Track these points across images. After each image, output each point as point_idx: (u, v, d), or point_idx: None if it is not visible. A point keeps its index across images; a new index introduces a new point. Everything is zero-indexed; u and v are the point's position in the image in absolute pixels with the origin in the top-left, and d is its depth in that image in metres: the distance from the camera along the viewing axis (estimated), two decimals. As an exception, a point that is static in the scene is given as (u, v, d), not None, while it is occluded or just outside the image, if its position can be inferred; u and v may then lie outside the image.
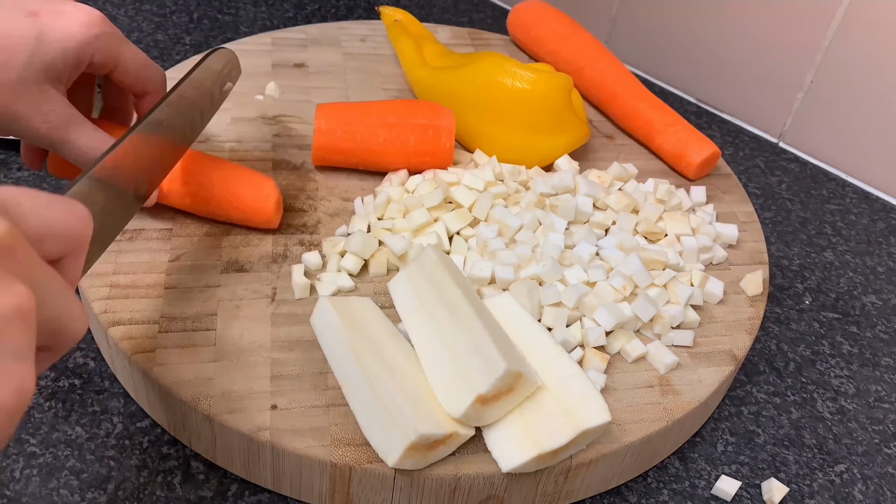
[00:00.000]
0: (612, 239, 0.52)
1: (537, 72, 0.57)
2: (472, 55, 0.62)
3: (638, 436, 0.43)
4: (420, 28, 0.71)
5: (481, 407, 0.38)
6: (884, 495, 0.48)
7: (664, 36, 0.83)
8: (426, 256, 0.45)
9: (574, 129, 0.59)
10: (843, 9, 0.69)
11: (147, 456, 0.43)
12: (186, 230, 0.51)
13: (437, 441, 0.38)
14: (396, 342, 0.43)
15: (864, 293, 0.63)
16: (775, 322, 0.59)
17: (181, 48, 0.79)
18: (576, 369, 0.41)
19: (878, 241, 0.68)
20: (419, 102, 0.57)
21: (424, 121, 0.56)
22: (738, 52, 0.78)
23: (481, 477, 0.40)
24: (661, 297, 0.49)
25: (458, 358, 0.39)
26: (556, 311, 0.47)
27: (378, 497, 0.41)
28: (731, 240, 0.57)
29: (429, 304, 0.43)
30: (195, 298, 0.47)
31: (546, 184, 0.55)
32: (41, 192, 0.29)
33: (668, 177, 0.63)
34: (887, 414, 0.53)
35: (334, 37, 0.74)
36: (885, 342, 0.59)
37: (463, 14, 0.94)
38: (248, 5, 0.88)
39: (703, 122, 0.80)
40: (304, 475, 0.41)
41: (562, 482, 0.42)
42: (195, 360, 0.43)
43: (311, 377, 0.43)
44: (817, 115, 0.75)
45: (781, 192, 0.73)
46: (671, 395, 0.46)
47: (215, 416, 0.41)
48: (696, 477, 0.47)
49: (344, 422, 0.41)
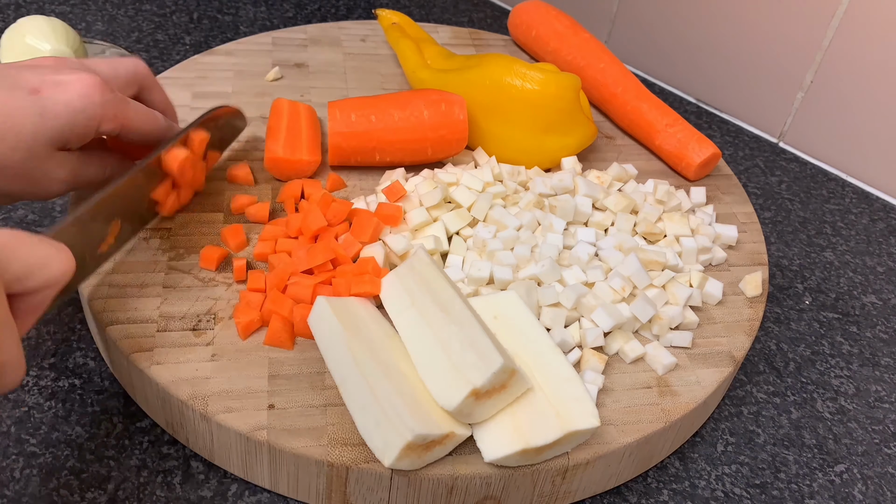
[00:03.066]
0: (611, 239, 0.52)
1: (545, 72, 0.57)
2: (477, 57, 0.62)
3: (636, 437, 0.43)
4: (418, 30, 0.71)
5: (474, 402, 0.38)
6: (884, 495, 0.48)
7: (664, 36, 0.83)
8: (418, 258, 0.45)
9: (583, 128, 0.59)
10: (843, 9, 0.69)
11: (147, 456, 0.44)
12: (185, 229, 0.51)
13: (433, 441, 0.38)
14: (394, 343, 0.43)
15: (864, 293, 0.63)
16: (775, 322, 0.59)
17: (181, 48, 0.79)
18: (571, 372, 0.41)
19: (878, 241, 0.68)
20: (426, 89, 0.58)
21: (436, 97, 0.57)
22: (738, 51, 0.78)
23: (478, 477, 0.40)
24: (660, 297, 0.49)
25: (452, 354, 0.40)
26: (554, 311, 0.47)
27: (375, 497, 0.41)
28: (730, 241, 0.57)
29: (421, 303, 0.43)
30: (193, 297, 0.47)
31: (545, 184, 0.55)
32: (28, 235, 0.31)
33: (668, 177, 0.63)
34: (887, 414, 0.53)
35: (334, 37, 0.74)
36: (885, 342, 0.59)
37: (463, 14, 0.94)
38: (248, 5, 0.88)
39: (703, 122, 0.80)
40: (301, 475, 0.41)
41: (559, 482, 0.42)
42: (193, 360, 0.43)
43: (308, 377, 0.43)
44: (817, 115, 0.75)
45: (781, 192, 0.73)
46: (669, 397, 0.46)
47: (213, 415, 0.41)
48: (696, 477, 0.47)
49: (341, 421, 0.41)
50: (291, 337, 0.45)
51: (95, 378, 0.47)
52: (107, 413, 0.45)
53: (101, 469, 0.43)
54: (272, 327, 0.44)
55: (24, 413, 0.45)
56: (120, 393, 0.46)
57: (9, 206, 0.57)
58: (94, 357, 0.48)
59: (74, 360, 0.48)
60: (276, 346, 0.44)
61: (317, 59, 0.70)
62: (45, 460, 0.43)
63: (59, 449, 0.43)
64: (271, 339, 0.44)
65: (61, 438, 0.44)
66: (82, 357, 0.48)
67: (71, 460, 0.43)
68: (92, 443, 0.44)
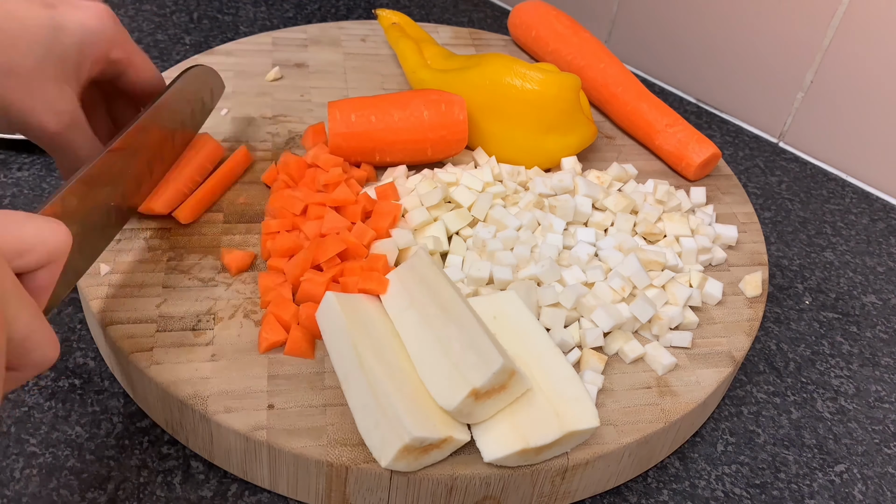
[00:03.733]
0: (611, 240, 0.52)
1: (546, 72, 0.57)
2: (476, 57, 0.62)
3: (635, 437, 0.43)
4: (418, 30, 0.71)
5: (474, 402, 0.38)
6: (884, 495, 0.48)
7: (664, 36, 0.83)
8: (418, 258, 0.45)
9: (583, 128, 0.59)
10: (843, 9, 0.69)
11: (147, 456, 0.44)
12: (184, 229, 0.51)
13: (431, 445, 0.38)
14: (399, 343, 0.43)
15: (864, 293, 0.63)
16: (775, 322, 0.59)
17: (181, 48, 0.79)
18: (571, 372, 0.41)
19: (878, 241, 0.68)
20: (426, 90, 0.58)
21: (436, 97, 0.57)
22: (738, 52, 0.78)
23: (478, 477, 0.40)
24: (660, 298, 0.49)
25: (452, 354, 0.40)
26: (553, 311, 0.47)
27: (374, 497, 0.41)
28: (730, 241, 0.57)
29: (421, 303, 0.43)
30: (193, 297, 0.47)
31: (545, 184, 0.55)
32: (16, 212, 0.31)
33: (668, 177, 0.63)
34: (887, 414, 0.53)
35: (334, 37, 0.74)
36: (885, 342, 0.59)
37: (463, 14, 0.94)
38: (248, 5, 0.88)
39: (703, 122, 0.80)
40: (301, 475, 0.41)
41: (559, 483, 0.42)
42: (192, 360, 0.43)
43: (308, 377, 0.43)
44: (817, 115, 0.75)
45: (781, 192, 0.73)
46: (669, 397, 0.46)
47: (212, 415, 0.41)
48: (696, 477, 0.47)
49: (341, 422, 0.41)
50: (312, 346, 0.45)
51: (95, 378, 0.47)
52: (107, 413, 0.45)
53: (101, 469, 0.43)
54: (292, 337, 0.44)
55: (24, 413, 0.45)
56: (120, 393, 0.46)
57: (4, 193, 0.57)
58: (94, 357, 0.48)
59: (74, 360, 0.48)
60: (296, 355, 0.44)
61: (317, 59, 0.70)
62: (45, 460, 0.43)
63: (59, 449, 0.43)
64: (291, 349, 0.44)
65: (61, 438, 0.44)
66: (82, 357, 0.48)
67: (71, 460, 0.43)
68: (92, 443, 0.44)
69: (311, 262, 0.47)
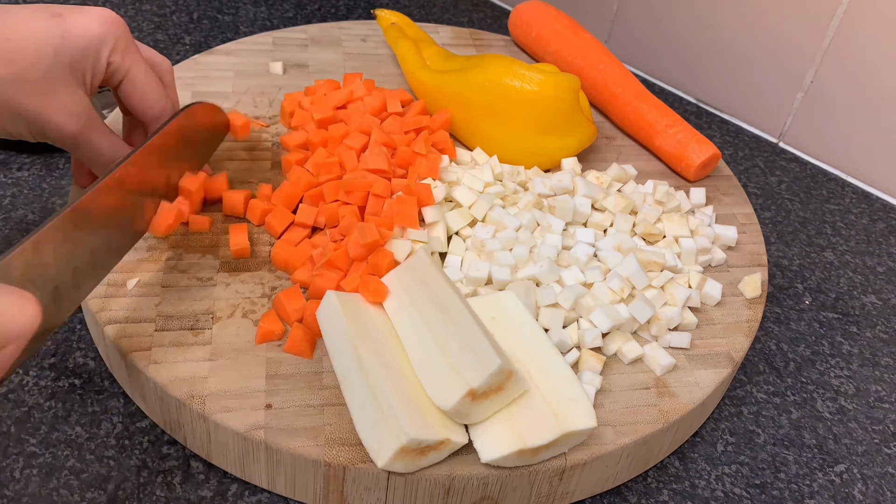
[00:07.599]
0: (610, 240, 0.52)
1: (545, 73, 0.57)
2: (476, 58, 0.62)
3: (633, 437, 0.43)
4: (417, 31, 0.71)
5: (471, 403, 0.38)
6: (884, 495, 0.48)
7: (664, 36, 0.83)
8: (418, 258, 0.45)
9: (582, 129, 0.59)
10: (843, 9, 0.69)
11: (147, 456, 0.44)
12: (184, 228, 0.51)
13: (428, 447, 0.38)
14: (399, 343, 0.43)
15: (863, 293, 0.63)
16: (775, 322, 0.59)
17: (181, 48, 0.79)
18: (569, 372, 0.41)
19: (878, 241, 0.68)
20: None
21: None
22: (738, 52, 0.78)
23: (475, 478, 0.40)
24: (659, 298, 0.49)
25: (450, 354, 0.40)
26: (552, 312, 0.47)
27: (372, 497, 0.41)
28: (730, 242, 0.57)
29: (419, 302, 0.43)
30: (191, 297, 0.47)
31: (544, 185, 0.55)
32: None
33: (668, 178, 0.63)
34: (887, 414, 0.53)
35: (334, 37, 0.74)
36: (885, 342, 0.58)
37: (463, 14, 0.94)
38: (248, 5, 0.88)
39: (703, 122, 0.80)
40: (299, 474, 0.41)
41: (557, 483, 0.42)
42: (191, 359, 0.43)
43: (306, 377, 0.43)
44: (817, 115, 0.75)
45: (781, 193, 0.73)
46: (667, 398, 0.46)
47: (210, 414, 0.41)
48: (696, 477, 0.47)
49: (338, 421, 0.41)
50: (312, 346, 0.45)
51: (95, 378, 0.47)
52: (107, 413, 0.45)
53: (101, 469, 0.43)
54: (293, 334, 0.44)
55: (24, 413, 0.45)
56: (120, 393, 0.47)
57: (9, 210, 0.57)
58: (94, 357, 0.48)
59: (74, 360, 0.48)
60: (295, 353, 0.44)
61: (317, 59, 0.70)
62: (45, 460, 0.43)
63: (59, 449, 0.43)
64: (291, 346, 0.44)
65: (61, 438, 0.44)
66: (82, 357, 0.48)
67: (71, 460, 0.43)
68: (92, 443, 0.44)
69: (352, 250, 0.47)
